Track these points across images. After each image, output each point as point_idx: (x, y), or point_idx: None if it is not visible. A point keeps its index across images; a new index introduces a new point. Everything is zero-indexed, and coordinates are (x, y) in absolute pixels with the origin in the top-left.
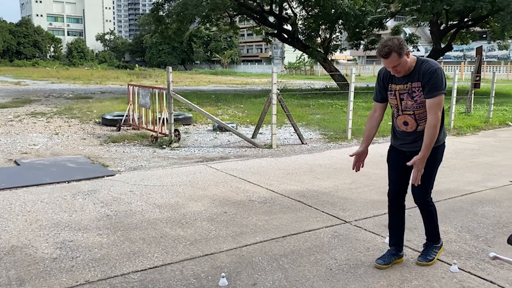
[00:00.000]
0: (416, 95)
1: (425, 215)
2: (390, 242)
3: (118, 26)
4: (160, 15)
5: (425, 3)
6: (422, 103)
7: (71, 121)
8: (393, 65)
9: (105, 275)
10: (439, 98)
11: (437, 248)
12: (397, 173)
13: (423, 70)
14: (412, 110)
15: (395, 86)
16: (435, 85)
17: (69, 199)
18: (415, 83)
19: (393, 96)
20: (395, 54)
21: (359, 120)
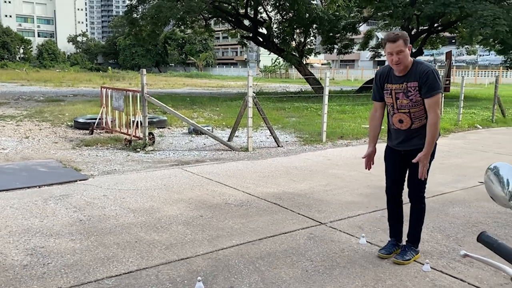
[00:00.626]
0: (412, 94)
1: (415, 212)
2: (391, 234)
3: (90, 28)
4: (134, 17)
5: (396, 8)
6: (417, 102)
7: (42, 124)
8: (398, 50)
9: (78, 281)
10: (437, 97)
11: (414, 251)
12: (395, 172)
13: (419, 71)
14: (407, 109)
15: (391, 85)
16: (433, 85)
17: (40, 204)
18: (411, 83)
19: (389, 95)
20: (402, 41)
21: (334, 123)
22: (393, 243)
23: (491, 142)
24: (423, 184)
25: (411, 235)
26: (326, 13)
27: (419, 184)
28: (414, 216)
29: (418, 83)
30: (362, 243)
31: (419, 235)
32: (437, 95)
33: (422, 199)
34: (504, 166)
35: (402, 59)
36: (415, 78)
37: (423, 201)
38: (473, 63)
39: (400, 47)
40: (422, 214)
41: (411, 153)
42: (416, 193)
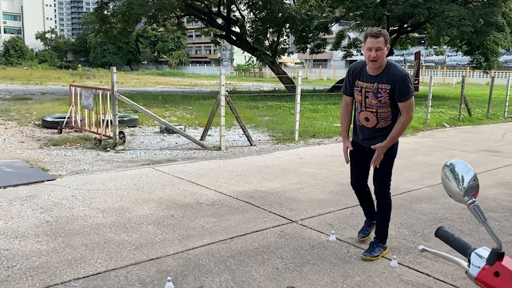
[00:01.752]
0: (382, 96)
1: (381, 209)
2: (365, 215)
3: (60, 25)
4: (104, 14)
5: (367, 9)
6: (386, 104)
7: (8, 123)
8: (378, 46)
9: (44, 284)
10: (410, 101)
11: (382, 247)
12: (358, 166)
13: (392, 74)
14: (375, 109)
15: (362, 83)
16: (406, 90)
17: (5, 206)
18: (382, 84)
19: (359, 92)
20: (383, 39)
21: (306, 122)
22: (368, 224)
23: (458, 140)
24: (387, 181)
25: (379, 232)
26: (299, 13)
27: (383, 181)
28: (380, 213)
29: (390, 86)
30: (332, 240)
31: (387, 231)
32: (410, 99)
33: (387, 195)
34: (459, 163)
35: (380, 56)
36: (388, 81)
37: (388, 197)
38: (442, 63)
39: (381, 44)
40: (388, 211)
41: (365, 148)
42: (381, 189)
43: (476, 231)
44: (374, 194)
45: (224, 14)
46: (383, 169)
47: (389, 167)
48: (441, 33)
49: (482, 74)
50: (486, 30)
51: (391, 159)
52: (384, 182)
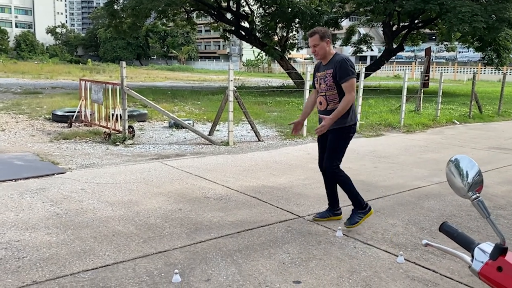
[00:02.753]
0: (327, 79)
1: (340, 184)
2: (328, 203)
3: (70, 19)
4: (114, 9)
5: (378, 4)
6: (331, 86)
7: (19, 117)
8: (313, 43)
9: (54, 275)
10: (351, 81)
11: (362, 213)
12: (321, 149)
13: (335, 61)
14: (324, 92)
15: (318, 73)
16: (345, 72)
17: (16, 198)
18: (328, 70)
19: (317, 81)
20: (317, 35)
21: (314, 118)
22: (328, 209)
23: (468, 137)
24: (334, 159)
25: (352, 202)
26: (309, 8)
27: (330, 159)
28: (341, 187)
29: (333, 70)
30: (338, 236)
31: (358, 197)
32: (350, 80)
33: (336, 173)
34: (464, 159)
35: (318, 50)
36: (331, 66)
37: (339, 174)
38: (452, 60)
39: (316, 41)
40: (346, 184)
41: (329, 132)
42: (328, 167)
43: (484, 229)
44: (326, 172)
45: (233, 9)
46: (330, 148)
47: (336, 146)
48: (453, 29)
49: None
50: (498, 26)
51: (338, 139)
52: (331, 160)
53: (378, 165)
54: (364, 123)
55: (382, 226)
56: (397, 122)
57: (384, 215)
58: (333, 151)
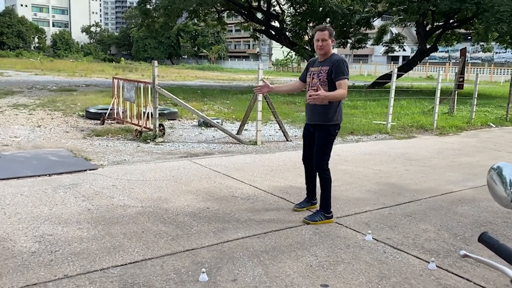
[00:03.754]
0: (322, 75)
1: (322, 182)
2: (307, 193)
3: (104, 19)
4: (147, 8)
5: (411, 4)
6: (324, 82)
7: (54, 113)
8: (322, 38)
9: (84, 269)
10: (344, 81)
11: (324, 216)
12: (307, 144)
13: (332, 60)
14: (316, 86)
15: (312, 69)
16: (340, 71)
17: (49, 193)
18: (324, 67)
19: (309, 75)
20: (327, 32)
21: (344, 118)
22: (306, 200)
23: (504, 140)
24: (323, 156)
25: (321, 201)
26: (340, 7)
27: (320, 156)
28: (321, 186)
29: (329, 68)
30: (368, 240)
31: (328, 202)
32: (343, 80)
33: (324, 169)
34: (507, 166)
35: (325, 46)
36: (328, 64)
37: (326, 171)
38: (489, 61)
39: (325, 36)
40: (327, 184)
41: (315, 127)
42: (318, 163)
43: None
44: (314, 167)
45: (264, 8)
46: (319, 144)
47: (324, 142)
48: (490, 29)
49: None
50: None
51: (328, 137)
52: (320, 157)
53: (410, 168)
54: (395, 125)
55: (413, 231)
56: (429, 124)
57: (416, 219)
58: (322, 147)
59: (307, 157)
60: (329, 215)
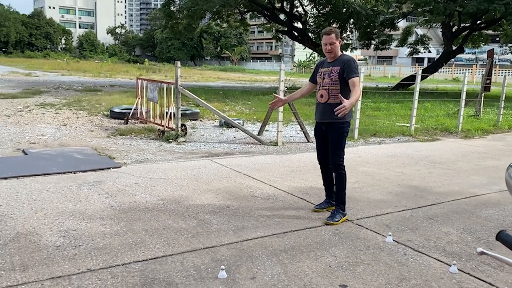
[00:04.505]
0: (333, 75)
1: (336, 179)
2: (326, 194)
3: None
4: (171, 10)
5: (437, 4)
6: (335, 82)
7: (79, 113)
8: (330, 41)
9: (107, 264)
10: (356, 79)
11: (342, 214)
12: (320, 143)
13: (342, 60)
14: (328, 86)
15: (322, 69)
16: (351, 70)
17: (74, 189)
18: (335, 67)
19: (320, 76)
20: (334, 35)
21: (367, 120)
22: (326, 201)
23: None
24: (339, 153)
25: (337, 198)
26: (364, 8)
27: (335, 154)
28: (336, 182)
29: (340, 67)
30: (388, 242)
31: (343, 198)
32: (355, 78)
33: (340, 166)
34: None
35: (333, 49)
36: (339, 64)
37: (341, 168)
38: None
39: (333, 39)
40: (342, 181)
41: (327, 126)
42: (334, 161)
43: None
44: (331, 165)
45: (287, 9)
46: (334, 144)
47: (339, 142)
48: None
49: None
50: None
51: (341, 134)
52: (336, 155)
53: (433, 170)
54: (419, 127)
55: (435, 234)
56: (454, 127)
57: (438, 222)
58: (337, 146)
59: (322, 156)
60: (345, 212)
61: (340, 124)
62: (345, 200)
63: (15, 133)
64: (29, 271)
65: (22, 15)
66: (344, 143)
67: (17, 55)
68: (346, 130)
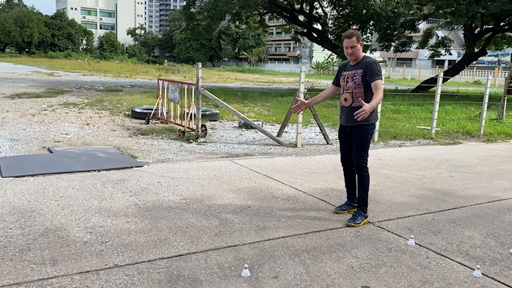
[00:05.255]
0: (356, 78)
1: (359, 180)
2: (347, 195)
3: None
4: (191, 11)
5: (459, 6)
6: (359, 85)
7: (101, 112)
8: (351, 45)
9: (133, 260)
10: (378, 82)
11: (364, 216)
12: (344, 145)
13: (365, 62)
14: (351, 89)
15: (345, 72)
16: (374, 72)
17: (99, 187)
18: (358, 70)
19: (343, 79)
20: (355, 38)
21: (387, 123)
22: (347, 203)
23: None
24: (363, 155)
25: (359, 200)
26: (384, 10)
27: (360, 155)
28: (359, 184)
29: (363, 70)
30: (410, 244)
31: (366, 200)
32: (378, 80)
33: (363, 168)
34: None
35: (354, 52)
36: (362, 67)
37: (365, 170)
38: None
39: (354, 42)
40: (365, 182)
41: (352, 128)
42: (357, 163)
43: None
44: (354, 167)
45: (306, 11)
46: (358, 146)
47: (363, 144)
48: None
49: None
50: None
51: (366, 136)
52: (360, 157)
53: (455, 174)
54: (440, 130)
55: (458, 238)
56: (476, 130)
57: (460, 226)
58: (362, 148)
59: (346, 158)
60: (367, 214)
61: (365, 126)
62: (367, 202)
63: (40, 131)
64: (58, 265)
65: (45, 16)
66: (368, 145)
67: (40, 55)
68: (370, 132)
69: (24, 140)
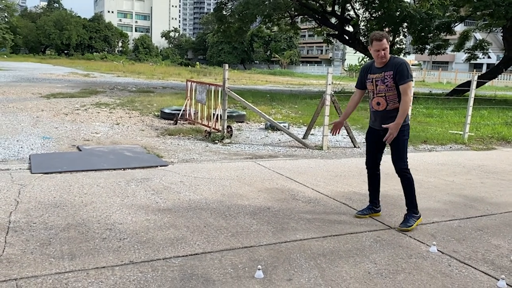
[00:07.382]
0: (387, 81)
1: (404, 183)
2: (370, 199)
3: (183, 24)
4: (222, 14)
5: (498, 7)
6: (392, 87)
7: (132, 113)
8: (383, 47)
9: (148, 257)
10: (408, 84)
11: (415, 217)
12: (372, 148)
13: (394, 63)
14: (383, 93)
15: (372, 75)
16: (404, 74)
17: (123, 185)
18: (388, 72)
19: (371, 83)
20: (386, 40)
21: (418, 127)
22: (369, 207)
23: None
24: (404, 157)
25: (408, 203)
26: (418, 12)
27: (401, 157)
28: (405, 187)
29: (393, 72)
30: (432, 251)
31: (415, 202)
32: (408, 83)
33: (406, 170)
34: None
35: (386, 54)
36: (391, 68)
37: (407, 173)
38: None
39: (384, 45)
40: (411, 184)
41: (378, 134)
42: (399, 165)
43: None
44: (395, 171)
45: (338, 13)
46: (397, 150)
47: (402, 146)
48: None
49: None
50: None
51: (403, 138)
52: (400, 160)
53: (486, 180)
54: (473, 135)
55: (484, 246)
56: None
57: (487, 234)
58: (401, 151)
59: (372, 161)
60: (418, 215)
61: (400, 128)
62: (416, 204)
63: (71, 130)
64: (76, 260)
65: (83, 19)
66: (407, 146)
67: (78, 57)
68: (407, 133)
69: (56, 138)
